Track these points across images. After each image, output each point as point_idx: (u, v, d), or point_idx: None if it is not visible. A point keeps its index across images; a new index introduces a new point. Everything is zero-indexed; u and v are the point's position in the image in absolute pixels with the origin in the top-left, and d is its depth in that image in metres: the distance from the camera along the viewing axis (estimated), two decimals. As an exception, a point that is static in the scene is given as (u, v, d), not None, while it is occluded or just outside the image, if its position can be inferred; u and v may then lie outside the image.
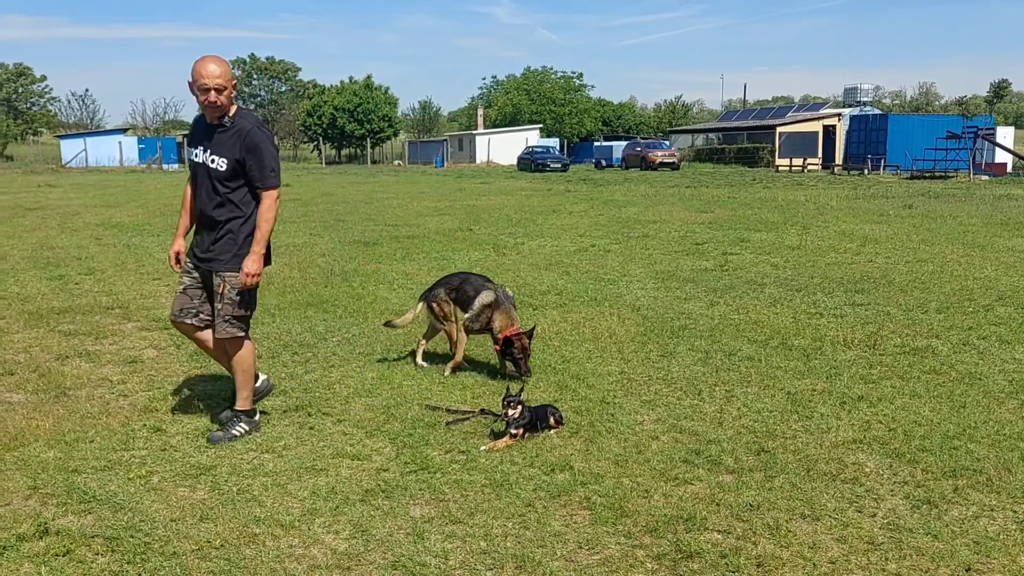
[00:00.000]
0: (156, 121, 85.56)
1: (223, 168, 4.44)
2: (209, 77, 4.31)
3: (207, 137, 4.46)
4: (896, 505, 3.66)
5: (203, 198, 4.52)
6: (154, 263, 10.88)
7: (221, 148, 4.43)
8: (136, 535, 3.43)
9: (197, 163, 4.52)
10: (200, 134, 4.50)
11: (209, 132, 4.46)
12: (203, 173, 4.49)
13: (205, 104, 4.34)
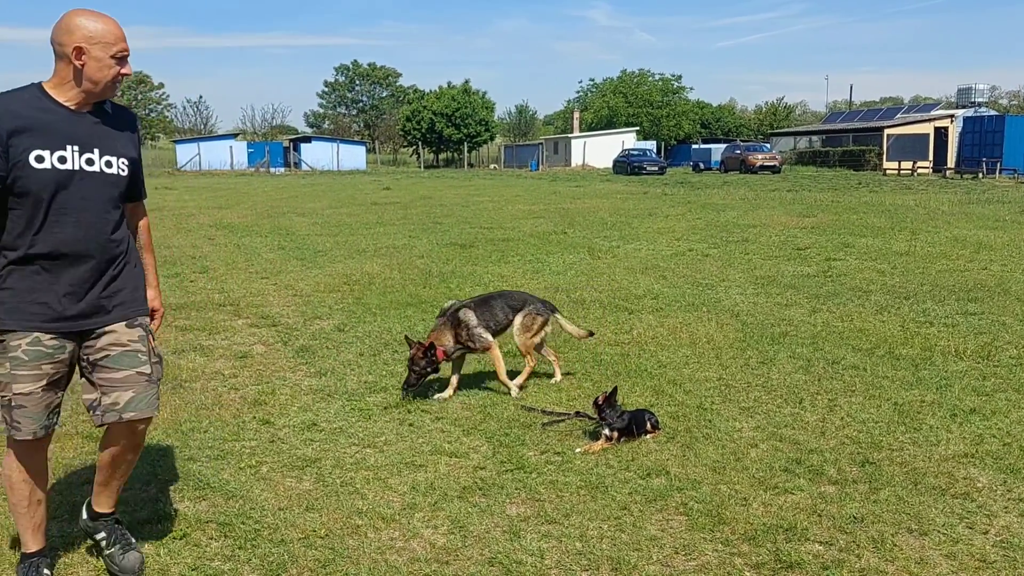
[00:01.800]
0: (264, 126, 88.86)
1: (124, 173, 3.07)
2: (125, 41, 2.99)
3: (76, 128, 2.94)
4: (1010, 523, 3.50)
5: (90, 221, 2.96)
6: (262, 263, 11.34)
7: (114, 144, 3.04)
8: (247, 522, 3.60)
9: (65, 172, 2.91)
10: (54, 126, 2.90)
11: (77, 122, 2.95)
12: (89, 185, 2.96)
13: (113, 80, 2.96)
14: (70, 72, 2.92)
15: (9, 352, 2.90)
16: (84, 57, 2.89)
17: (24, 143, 2.83)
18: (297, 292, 9.06)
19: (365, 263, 11.20)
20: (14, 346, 2.90)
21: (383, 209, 20.96)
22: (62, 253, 2.92)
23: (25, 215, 2.88)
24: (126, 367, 3.04)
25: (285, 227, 16.35)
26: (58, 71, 2.94)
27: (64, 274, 2.94)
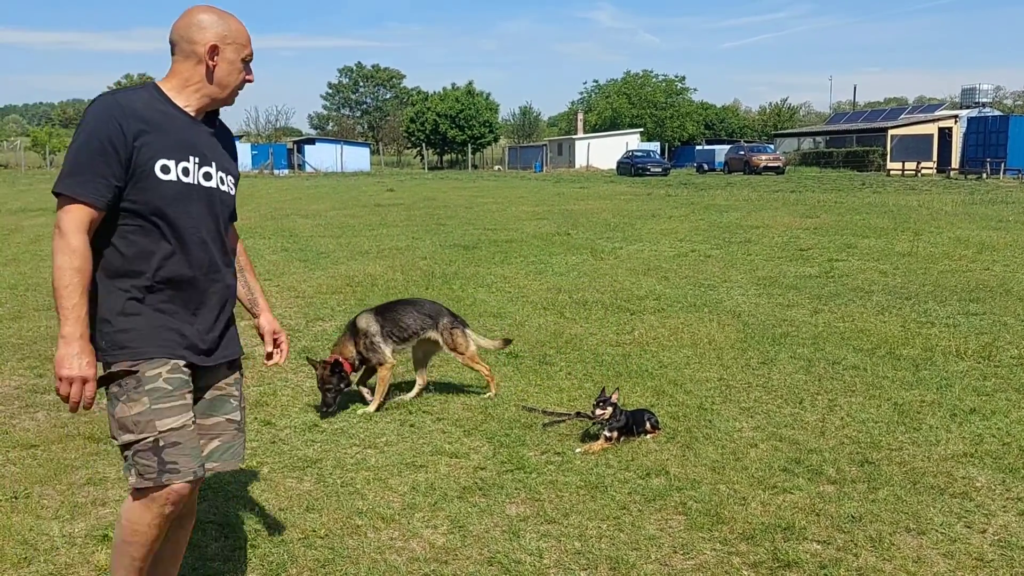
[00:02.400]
0: (268, 128, 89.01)
1: (234, 192, 2.76)
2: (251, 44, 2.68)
3: (196, 138, 2.59)
4: (1008, 522, 3.51)
5: (213, 244, 2.62)
6: (265, 264, 11.35)
7: (224, 159, 2.70)
8: (247, 522, 3.61)
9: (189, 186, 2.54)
10: (177, 132, 2.53)
11: (196, 130, 2.60)
12: (209, 203, 2.61)
13: (239, 87, 2.67)
14: (197, 74, 2.56)
15: (146, 385, 2.44)
16: (217, 58, 2.55)
17: (150, 150, 2.45)
18: (299, 294, 9.09)
19: (368, 265, 11.22)
20: (151, 376, 2.45)
21: (386, 211, 20.99)
22: (190, 279, 2.54)
23: (145, 235, 2.46)
24: (217, 413, 2.69)
25: (288, 229, 16.39)
26: (180, 72, 2.57)
27: (191, 303, 2.56)
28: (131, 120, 2.42)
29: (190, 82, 2.57)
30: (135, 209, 2.45)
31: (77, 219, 2.37)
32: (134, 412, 2.43)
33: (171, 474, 2.45)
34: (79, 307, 2.35)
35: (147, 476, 2.44)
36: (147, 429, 2.43)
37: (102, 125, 2.41)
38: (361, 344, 5.14)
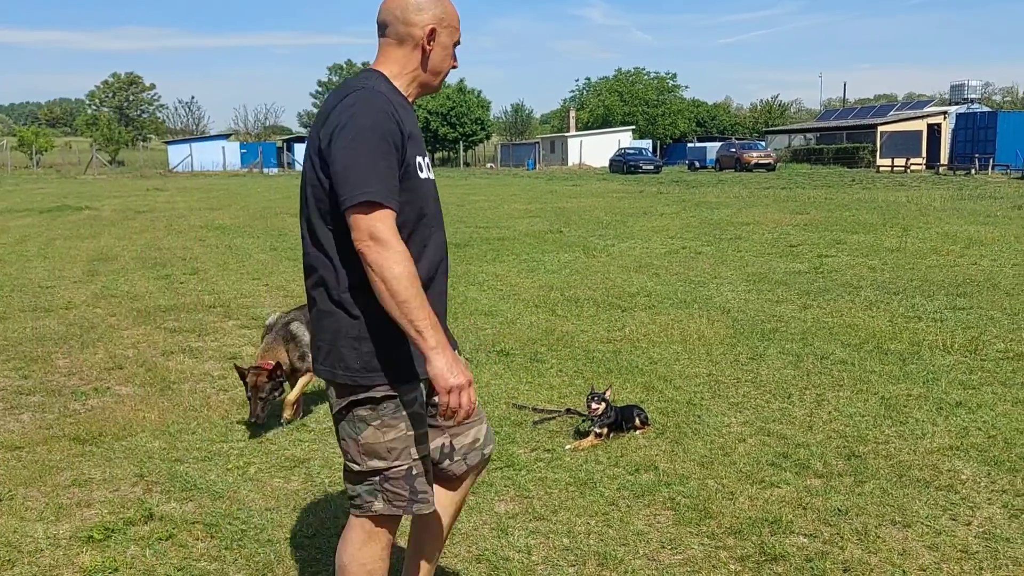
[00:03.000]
0: (257, 126, 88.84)
1: None
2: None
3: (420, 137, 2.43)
4: (993, 514, 3.52)
5: (443, 241, 2.48)
6: (254, 264, 11.34)
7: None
8: (234, 522, 3.60)
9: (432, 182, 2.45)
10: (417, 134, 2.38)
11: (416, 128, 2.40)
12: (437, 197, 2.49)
13: (447, 74, 2.51)
14: (413, 60, 2.36)
15: (406, 409, 2.30)
16: (433, 42, 2.36)
17: (413, 147, 2.29)
18: (289, 293, 9.06)
19: (357, 263, 11.18)
20: (409, 401, 2.31)
21: (377, 209, 20.92)
22: (433, 278, 2.37)
23: (410, 241, 2.25)
24: None
25: (278, 228, 16.34)
26: (396, 58, 2.36)
27: (439, 312, 2.38)
28: (400, 114, 2.24)
29: (406, 69, 2.37)
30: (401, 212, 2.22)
31: (391, 225, 2.14)
32: (389, 438, 2.29)
33: (421, 504, 2.37)
34: (432, 314, 2.16)
35: (396, 504, 2.34)
36: (402, 457, 2.31)
37: (384, 122, 2.18)
38: (294, 353, 4.81)
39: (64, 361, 6.30)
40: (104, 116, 79.97)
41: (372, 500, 2.34)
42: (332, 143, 2.17)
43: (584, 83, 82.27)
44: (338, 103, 2.22)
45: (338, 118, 2.18)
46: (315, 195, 2.26)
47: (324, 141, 2.20)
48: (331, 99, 2.29)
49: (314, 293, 2.33)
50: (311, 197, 2.28)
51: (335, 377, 2.29)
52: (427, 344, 2.13)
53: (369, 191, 2.12)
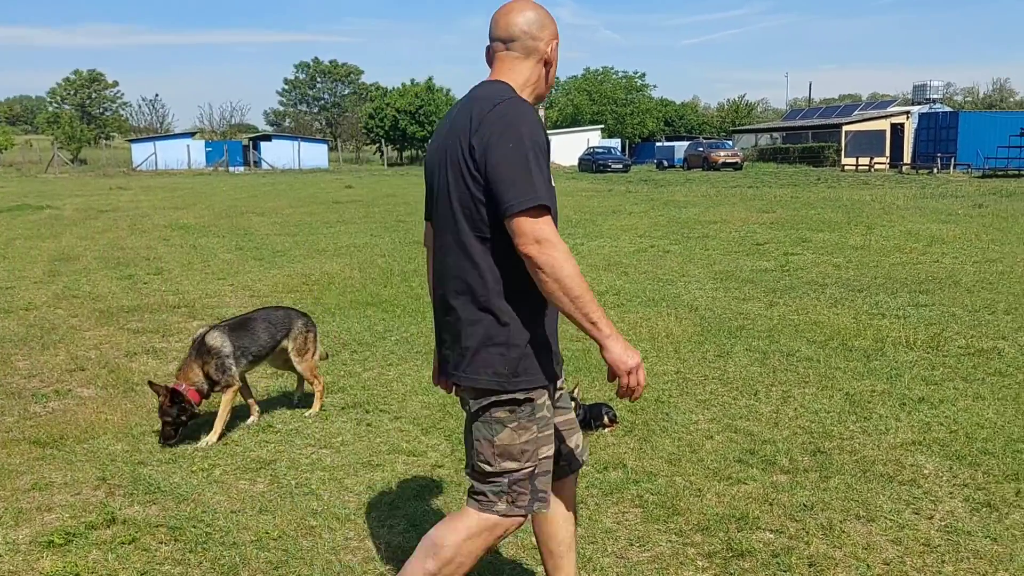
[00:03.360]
0: (223, 125, 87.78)
1: None
2: None
3: None
4: (955, 508, 3.58)
5: None
6: (219, 263, 11.20)
7: None
8: (198, 525, 3.55)
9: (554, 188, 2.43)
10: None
11: None
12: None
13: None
14: (536, 72, 2.46)
15: (537, 412, 2.39)
16: (554, 55, 2.47)
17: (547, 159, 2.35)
18: (255, 293, 8.97)
19: (325, 263, 11.12)
20: (540, 404, 2.40)
21: (345, 208, 20.82)
22: None
23: None
24: (565, 405, 2.69)
25: (243, 227, 16.17)
26: (520, 71, 2.43)
27: (556, 317, 2.47)
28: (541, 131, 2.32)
29: (529, 81, 2.45)
30: None
31: (553, 228, 2.25)
32: (523, 440, 2.36)
33: (541, 503, 2.43)
34: (599, 306, 2.28)
35: (519, 504, 2.40)
36: (532, 458, 2.38)
37: (537, 131, 2.27)
38: (210, 366, 4.60)
39: (24, 363, 6.18)
40: (66, 114, 78.51)
41: (496, 500, 2.40)
42: (490, 150, 2.23)
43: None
44: (488, 111, 2.27)
45: (493, 126, 2.25)
46: (463, 203, 2.31)
47: (478, 149, 2.25)
48: (473, 107, 2.32)
49: (455, 302, 2.38)
50: (458, 205, 2.32)
51: (477, 383, 2.34)
52: (603, 333, 2.25)
53: (536, 196, 2.20)
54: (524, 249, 2.21)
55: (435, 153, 2.46)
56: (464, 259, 2.34)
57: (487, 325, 2.32)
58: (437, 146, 2.45)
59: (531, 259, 2.21)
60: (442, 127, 2.46)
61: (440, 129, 2.47)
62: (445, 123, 2.45)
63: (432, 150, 2.50)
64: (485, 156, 2.24)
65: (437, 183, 2.43)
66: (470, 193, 2.29)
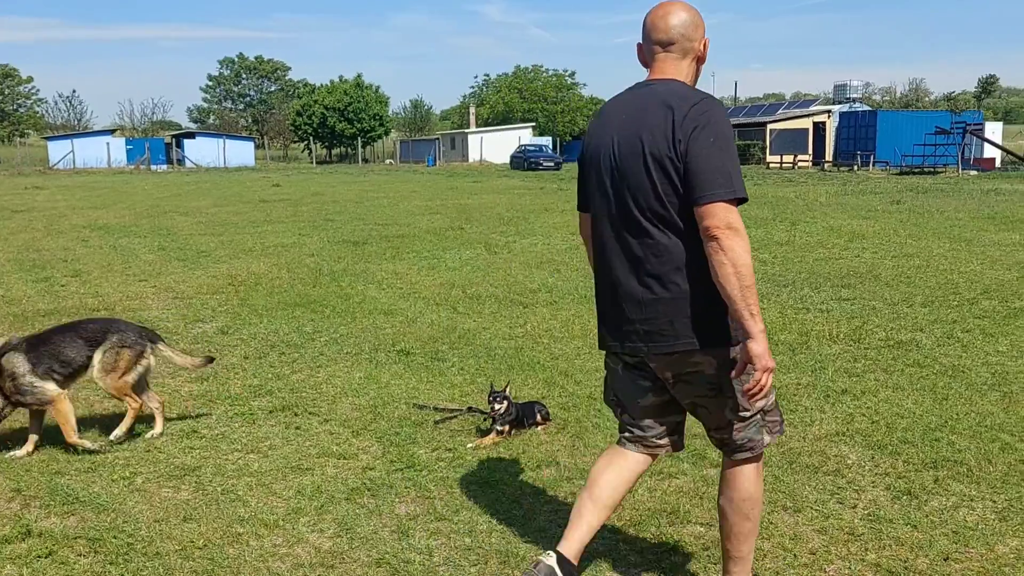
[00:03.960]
0: (144, 122, 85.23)
1: None
2: None
3: None
4: (877, 496, 3.68)
5: None
6: (140, 264, 10.86)
7: None
8: (119, 536, 3.42)
9: None
10: None
11: None
12: None
13: None
14: (691, 71, 2.70)
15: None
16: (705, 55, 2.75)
17: None
18: (178, 294, 8.72)
19: (251, 263, 10.88)
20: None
21: (272, 207, 20.43)
22: None
23: None
24: None
25: (166, 227, 15.73)
26: (679, 70, 2.66)
27: None
28: None
29: (688, 79, 2.68)
30: None
31: (741, 220, 2.49)
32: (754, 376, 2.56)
33: (783, 423, 2.85)
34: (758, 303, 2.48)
35: (774, 431, 2.77)
36: (771, 392, 2.68)
37: (730, 128, 2.60)
38: (7, 387, 4.30)
39: (-70, 371, 5.87)
40: (-24, 110, 75.22)
41: (761, 438, 2.72)
42: (693, 142, 2.46)
43: (483, 79, 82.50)
44: (690, 108, 2.50)
45: (696, 121, 2.48)
46: (664, 190, 2.52)
47: (683, 141, 2.47)
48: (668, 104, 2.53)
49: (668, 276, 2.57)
50: (661, 192, 2.53)
51: (716, 344, 2.57)
52: (757, 326, 2.45)
53: (736, 189, 2.47)
54: (714, 232, 2.44)
55: (604, 147, 2.66)
56: (668, 239, 2.56)
57: (704, 293, 2.53)
58: (608, 140, 2.64)
59: (718, 242, 2.44)
60: (610, 123, 2.66)
61: (607, 124, 2.67)
62: (614, 119, 2.65)
63: (597, 144, 2.69)
64: (688, 148, 2.46)
65: (610, 174, 2.64)
66: (669, 180, 2.52)
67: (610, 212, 2.66)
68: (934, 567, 3.10)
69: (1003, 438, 4.32)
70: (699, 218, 2.47)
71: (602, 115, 2.73)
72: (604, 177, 2.66)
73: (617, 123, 2.62)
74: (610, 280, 2.71)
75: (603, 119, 2.71)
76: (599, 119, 2.74)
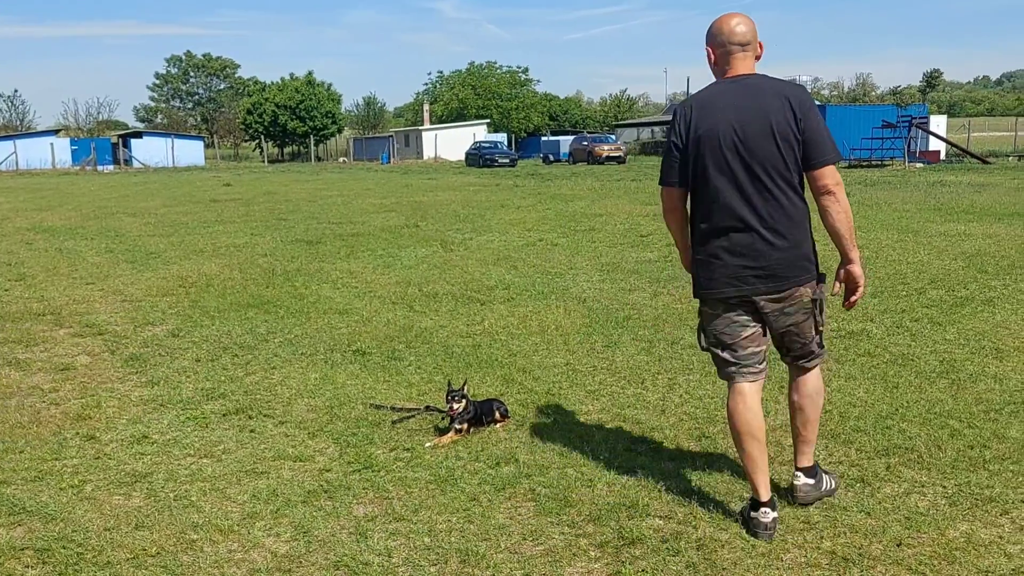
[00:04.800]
0: (89, 121, 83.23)
1: None
2: None
3: None
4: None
5: None
6: (87, 267, 10.60)
7: None
8: (68, 546, 3.33)
9: None
10: None
11: None
12: None
13: None
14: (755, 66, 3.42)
15: None
16: None
17: None
18: (127, 297, 8.53)
19: (203, 264, 10.69)
20: None
21: (223, 207, 20.11)
22: None
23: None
24: None
25: (114, 228, 15.38)
26: (753, 65, 3.39)
27: None
28: None
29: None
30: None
31: None
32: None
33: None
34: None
35: (824, 347, 3.64)
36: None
37: None
38: None
39: None
40: (-88, 110, 72.76)
41: (823, 349, 3.59)
42: (808, 117, 3.23)
43: (437, 76, 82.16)
44: (797, 93, 3.27)
45: (804, 103, 3.25)
46: (790, 160, 3.24)
47: (802, 119, 3.22)
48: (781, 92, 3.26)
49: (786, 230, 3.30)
50: (788, 163, 3.25)
51: (813, 279, 3.41)
52: (856, 252, 3.39)
53: (840, 154, 3.33)
54: (832, 187, 3.26)
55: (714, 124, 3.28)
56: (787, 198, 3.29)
57: (805, 238, 3.36)
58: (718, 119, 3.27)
59: (834, 195, 3.26)
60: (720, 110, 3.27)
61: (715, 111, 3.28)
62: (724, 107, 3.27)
63: (710, 128, 3.28)
64: (806, 122, 3.21)
65: (734, 150, 3.25)
66: (791, 153, 3.24)
67: (736, 182, 3.27)
68: (887, 553, 3.15)
69: (952, 424, 4.41)
70: (816, 178, 3.25)
71: (704, 106, 3.32)
72: (726, 153, 3.26)
73: (731, 110, 3.25)
74: (729, 237, 3.33)
75: (707, 109, 3.31)
76: (702, 109, 3.31)
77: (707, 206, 3.35)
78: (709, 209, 3.35)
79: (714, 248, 3.37)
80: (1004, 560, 3.09)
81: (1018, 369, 5.38)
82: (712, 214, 3.34)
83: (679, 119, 3.37)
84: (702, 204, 3.38)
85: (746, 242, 3.29)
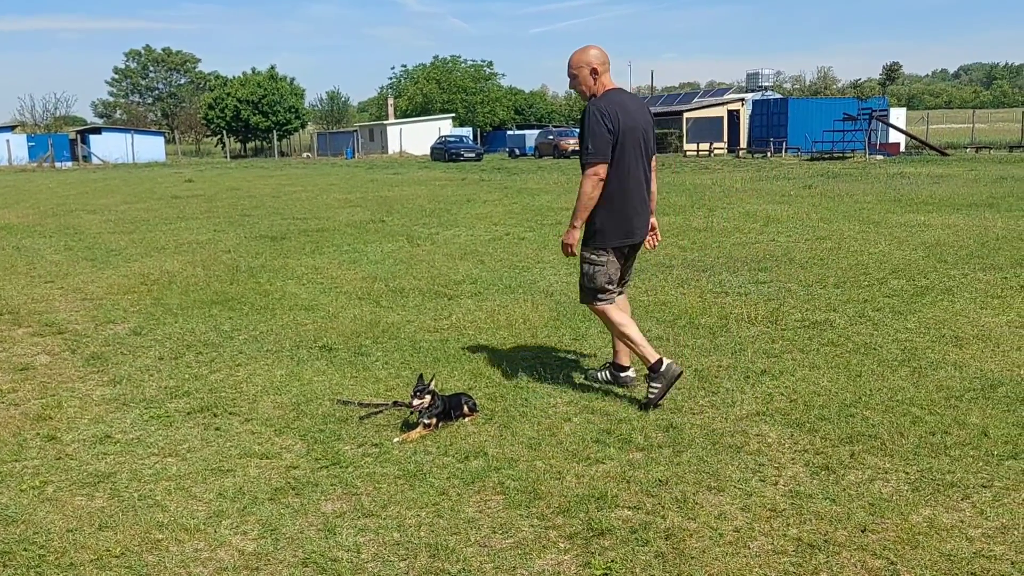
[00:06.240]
0: (46, 117, 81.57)
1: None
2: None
3: None
4: (797, 473, 3.78)
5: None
6: (46, 265, 10.40)
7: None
8: (29, 548, 3.27)
9: None
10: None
11: None
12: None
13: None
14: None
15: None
16: None
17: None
18: (87, 296, 8.38)
19: (165, 261, 10.53)
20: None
21: (185, 203, 19.84)
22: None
23: None
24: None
25: (73, 226, 15.10)
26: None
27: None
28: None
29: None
30: None
31: None
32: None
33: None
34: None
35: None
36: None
37: None
38: None
39: None
40: None
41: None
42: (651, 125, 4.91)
43: (401, 70, 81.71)
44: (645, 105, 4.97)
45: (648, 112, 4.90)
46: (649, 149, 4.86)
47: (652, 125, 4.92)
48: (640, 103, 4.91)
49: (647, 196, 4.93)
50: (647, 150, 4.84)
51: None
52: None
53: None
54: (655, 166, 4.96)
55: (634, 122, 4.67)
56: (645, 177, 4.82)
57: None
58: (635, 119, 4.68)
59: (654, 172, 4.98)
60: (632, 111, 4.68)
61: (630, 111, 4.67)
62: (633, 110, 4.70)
63: (631, 124, 4.64)
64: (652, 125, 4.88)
65: (642, 142, 4.74)
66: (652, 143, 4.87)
67: (639, 162, 4.72)
68: (852, 539, 3.19)
69: (914, 411, 4.49)
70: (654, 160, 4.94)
71: (622, 107, 4.63)
72: (640, 143, 4.71)
73: (636, 113, 4.68)
74: (637, 200, 4.76)
75: (624, 108, 4.64)
76: (623, 107, 4.62)
77: (625, 177, 4.67)
78: (625, 180, 4.68)
79: (628, 210, 4.72)
80: (966, 544, 3.15)
81: (977, 356, 5.49)
82: (625, 183, 4.67)
83: (610, 115, 4.58)
84: (618, 177, 4.66)
85: (641, 204, 4.77)
